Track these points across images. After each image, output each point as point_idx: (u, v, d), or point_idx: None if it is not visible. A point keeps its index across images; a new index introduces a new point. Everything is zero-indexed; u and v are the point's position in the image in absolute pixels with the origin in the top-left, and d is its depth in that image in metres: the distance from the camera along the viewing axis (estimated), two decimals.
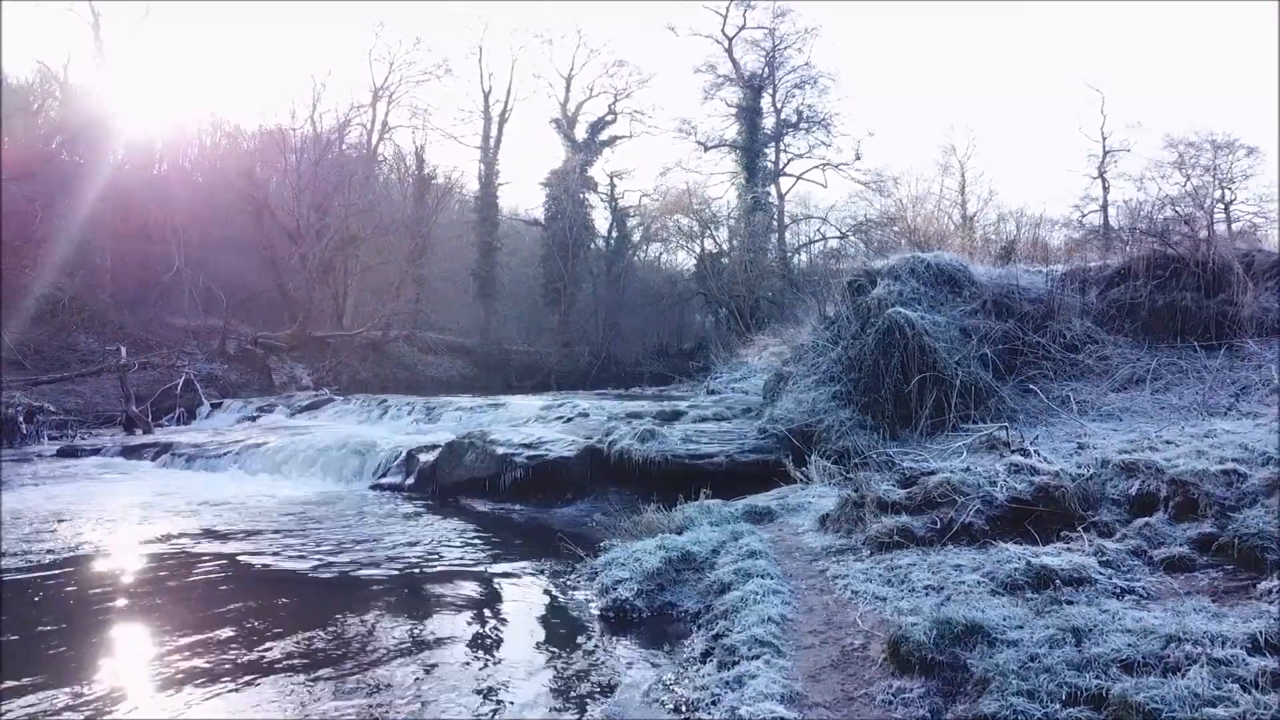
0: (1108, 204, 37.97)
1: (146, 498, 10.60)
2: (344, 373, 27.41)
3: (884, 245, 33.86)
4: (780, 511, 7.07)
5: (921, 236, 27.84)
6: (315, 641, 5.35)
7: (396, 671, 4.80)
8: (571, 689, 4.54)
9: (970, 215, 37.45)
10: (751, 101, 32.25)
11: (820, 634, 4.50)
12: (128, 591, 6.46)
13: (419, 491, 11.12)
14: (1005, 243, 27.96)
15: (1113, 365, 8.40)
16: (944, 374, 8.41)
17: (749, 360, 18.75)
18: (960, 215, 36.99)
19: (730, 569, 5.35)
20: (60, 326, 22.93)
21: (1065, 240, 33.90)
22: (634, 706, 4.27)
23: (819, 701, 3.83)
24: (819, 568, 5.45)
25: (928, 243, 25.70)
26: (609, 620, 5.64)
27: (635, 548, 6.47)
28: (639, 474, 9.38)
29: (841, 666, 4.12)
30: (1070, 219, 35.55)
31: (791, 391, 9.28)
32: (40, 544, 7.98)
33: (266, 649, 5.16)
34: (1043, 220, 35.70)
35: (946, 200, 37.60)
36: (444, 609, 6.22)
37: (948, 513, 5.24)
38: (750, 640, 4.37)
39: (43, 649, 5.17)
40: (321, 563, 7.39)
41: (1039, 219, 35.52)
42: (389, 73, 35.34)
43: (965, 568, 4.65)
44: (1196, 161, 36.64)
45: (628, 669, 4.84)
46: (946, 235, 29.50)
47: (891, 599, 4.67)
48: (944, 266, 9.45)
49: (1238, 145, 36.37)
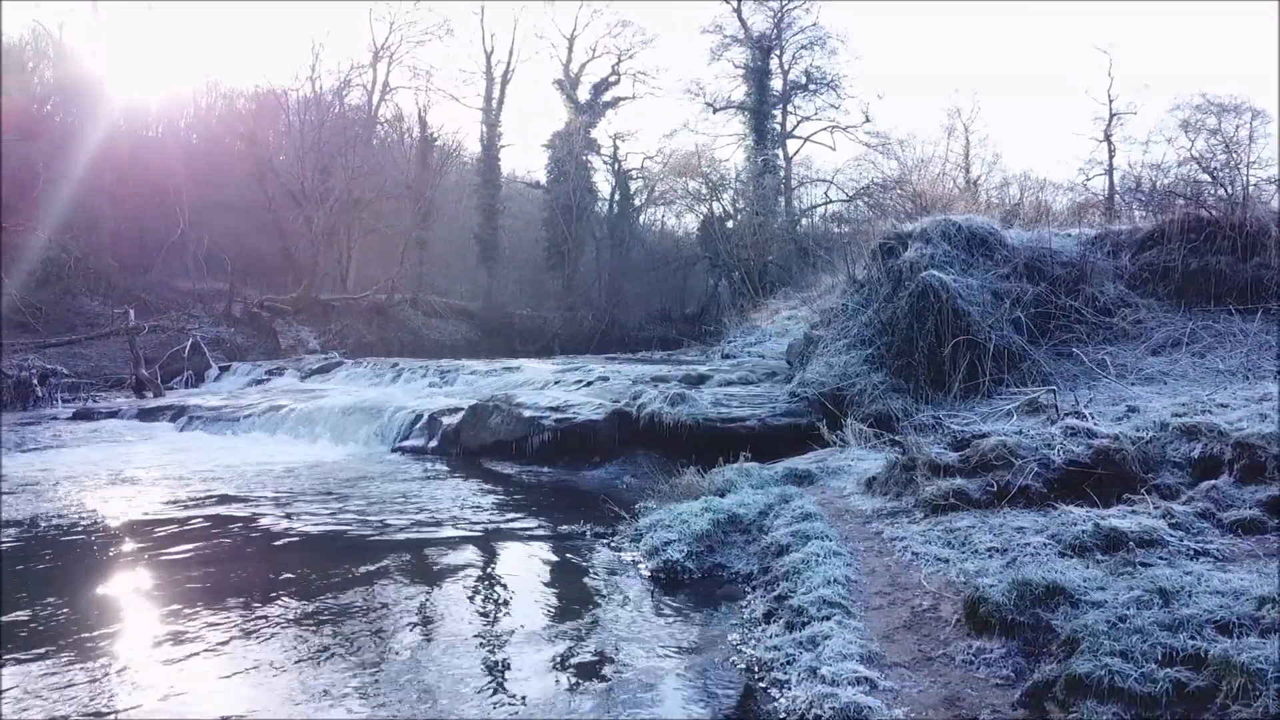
0: (1113, 168, 37.73)
1: (172, 460, 10.59)
2: (349, 336, 27.32)
3: (887, 209, 33.72)
4: (820, 474, 7.08)
5: (927, 200, 27.64)
6: (371, 603, 5.37)
7: (464, 629, 4.82)
8: (634, 649, 4.56)
9: (974, 179, 37.19)
10: (760, 62, 31.80)
11: (886, 595, 4.52)
12: (163, 553, 6.45)
13: (442, 454, 11.13)
14: (1009, 207, 27.83)
15: (1147, 329, 8.38)
16: (977, 337, 8.39)
17: (761, 325, 18.70)
18: (964, 179, 36.72)
19: (786, 531, 5.36)
20: (65, 289, 22.75)
21: (1069, 204, 33.77)
22: (705, 666, 4.30)
23: (897, 662, 3.85)
24: (873, 529, 5.47)
25: (933, 206, 25.56)
26: (659, 581, 5.67)
27: (679, 510, 6.48)
28: (668, 437, 9.37)
29: (914, 627, 4.14)
30: (1075, 183, 35.35)
31: (822, 355, 9.25)
32: (75, 506, 7.98)
33: (327, 607, 5.18)
34: (1045, 184, 35.56)
35: (950, 164, 37.34)
36: (495, 569, 6.26)
37: (1003, 475, 5.24)
38: (819, 601, 4.39)
39: (82, 611, 5.18)
40: (360, 523, 7.40)
41: (1042, 183, 35.34)
42: (389, 33, 34.74)
43: (1028, 530, 4.66)
44: (1203, 125, 36.33)
45: (688, 629, 4.87)
46: (952, 200, 29.31)
47: (954, 561, 4.68)
48: (975, 230, 9.38)
49: (1244, 108, 36.05)
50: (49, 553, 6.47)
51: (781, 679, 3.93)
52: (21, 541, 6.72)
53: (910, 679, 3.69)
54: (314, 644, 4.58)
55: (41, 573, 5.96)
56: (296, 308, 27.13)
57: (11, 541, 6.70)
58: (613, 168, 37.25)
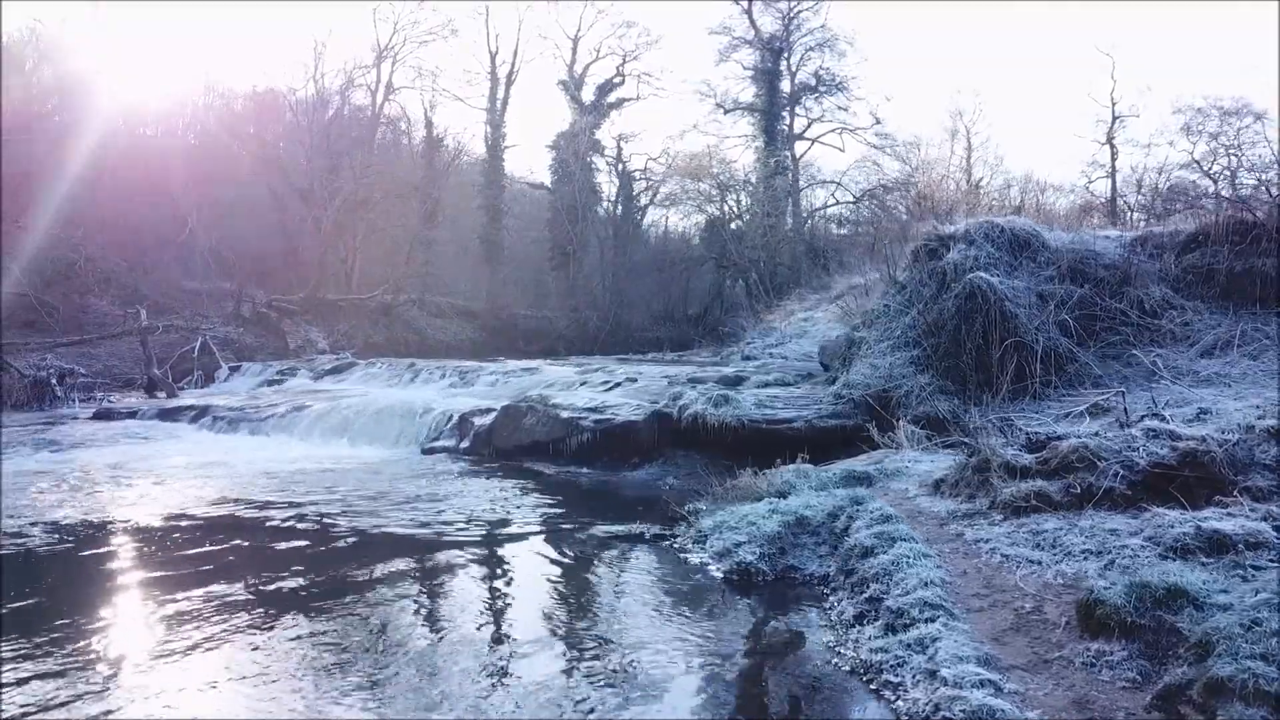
0: (1115, 170, 37.87)
1: (200, 461, 10.51)
2: (357, 336, 27.20)
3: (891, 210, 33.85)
4: (879, 477, 7.06)
5: (932, 203, 27.73)
6: (440, 602, 5.34)
7: (541, 631, 4.78)
8: (729, 649, 4.53)
9: (976, 181, 37.30)
10: (771, 64, 31.83)
11: (984, 597, 4.50)
12: (201, 552, 6.39)
13: (474, 455, 11.07)
14: (1010, 210, 27.96)
15: (1194, 331, 8.40)
16: (1025, 339, 8.39)
17: (778, 326, 18.69)
18: (966, 181, 36.83)
19: (869, 533, 5.33)
20: (73, 289, 22.57)
21: (1068, 206, 33.92)
22: (808, 668, 4.27)
23: (1013, 664, 3.83)
24: (953, 531, 5.45)
25: (936, 209, 25.66)
26: (733, 583, 5.65)
27: (743, 511, 6.45)
28: (709, 439, 9.35)
29: (1022, 629, 4.12)
30: (1076, 185, 35.53)
31: (866, 356, 9.24)
32: (123, 505, 7.90)
33: (399, 608, 5.14)
34: (1046, 187, 35.73)
35: (953, 166, 37.44)
36: (565, 569, 6.19)
37: (1085, 478, 5.23)
38: (919, 603, 4.36)
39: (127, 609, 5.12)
40: (413, 523, 7.35)
41: (1043, 185, 35.52)
42: (393, 32, 34.62)
43: (1122, 532, 4.65)
44: (1203, 128, 36.49)
45: (776, 631, 4.85)
46: (955, 203, 29.40)
47: (1047, 563, 4.66)
48: (1017, 231, 9.39)
49: (1245, 111, 36.23)
50: (108, 550, 6.40)
51: (893, 681, 3.91)
52: (77, 541, 6.64)
53: (1032, 682, 3.67)
54: (394, 646, 4.54)
55: (103, 571, 5.89)
56: (304, 308, 27.00)
57: (71, 540, 6.64)
58: (616, 168, 37.26)
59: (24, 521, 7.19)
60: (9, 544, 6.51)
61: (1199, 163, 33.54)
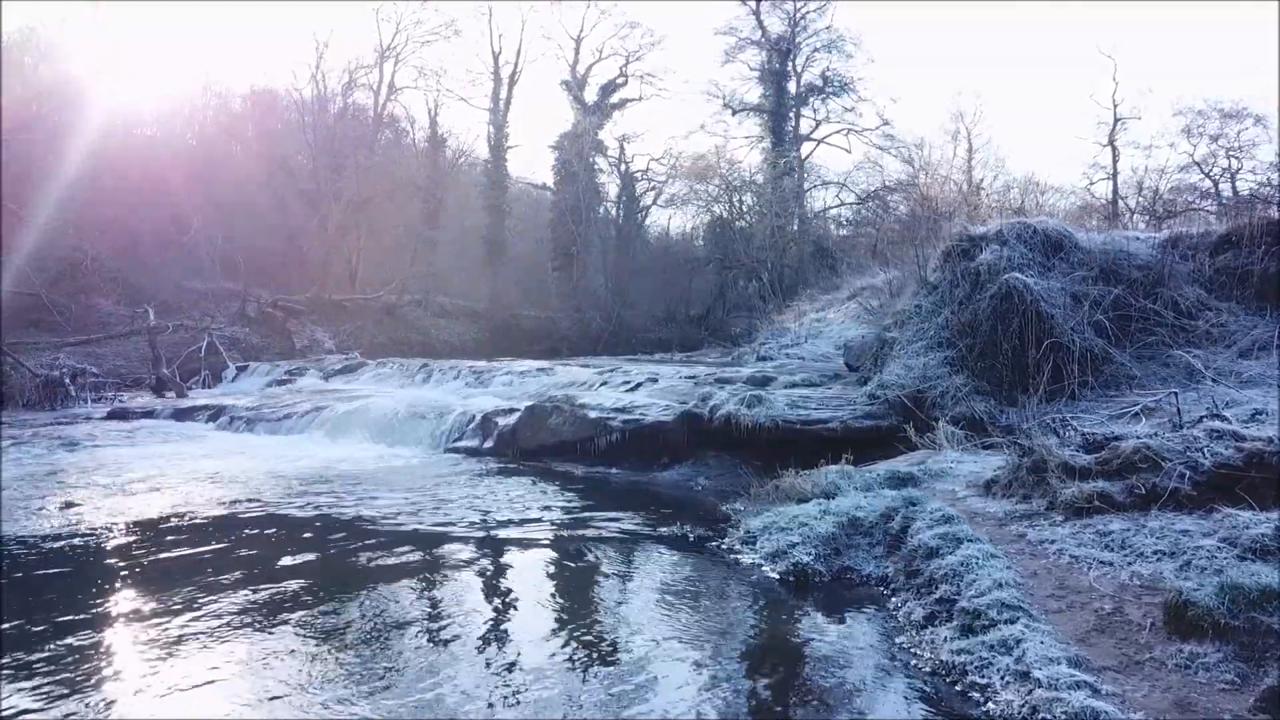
0: (1117, 172, 37.95)
1: (227, 461, 10.42)
2: (362, 336, 27.10)
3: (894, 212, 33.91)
4: (923, 477, 7.03)
5: (935, 205, 27.77)
6: (500, 603, 5.30)
7: (620, 634, 4.73)
8: (802, 651, 4.50)
9: (977, 183, 37.35)
10: (779, 65, 31.84)
11: (1060, 598, 4.48)
12: (253, 552, 6.33)
13: (498, 455, 11.00)
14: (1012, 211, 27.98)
15: (1229, 332, 8.40)
16: (1061, 340, 8.38)
17: (791, 327, 18.66)
18: (967, 183, 36.87)
19: (931, 534, 5.30)
20: (79, 288, 22.42)
21: (1068, 208, 33.97)
22: (887, 668, 4.24)
23: (1104, 666, 3.81)
24: (1013, 532, 5.42)
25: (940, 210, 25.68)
26: (790, 584, 5.61)
27: (793, 512, 6.42)
28: (740, 439, 9.30)
29: (1105, 631, 4.09)
30: (1076, 187, 35.62)
31: (899, 357, 9.21)
32: (159, 506, 7.82)
33: (453, 606, 5.10)
34: (1047, 188, 35.80)
35: (954, 168, 37.47)
36: (619, 570, 6.14)
37: (1148, 478, 5.21)
38: (996, 604, 4.33)
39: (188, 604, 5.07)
40: (451, 522, 7.30)
41: (1043, 186, 35.58)
42: (395, 32, 34.52)
43: (1194, 533, 4.63)
44: (1204, 130, 36.59)
45: (843, 631, 4.81)
46: (957, 204, 29.46)
47: (1119, 564, 4.65)
48: (1050, 232, 9.38)
49: (1246, 114, 36.34)
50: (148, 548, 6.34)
51: (980, 682, 3.89)
52: (125, 541, 6.58)
53: (1126, 683, 3.65)
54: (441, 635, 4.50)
55: (146, 568, 5.83)
56: (309, 308, 26.88)
57: (120, 537, 6.57)
58: (619, 169, 37.22)
59: (62, 523, 7.12)
60: (50, 546, 6.44)
61: (1199, 164, 33.70)
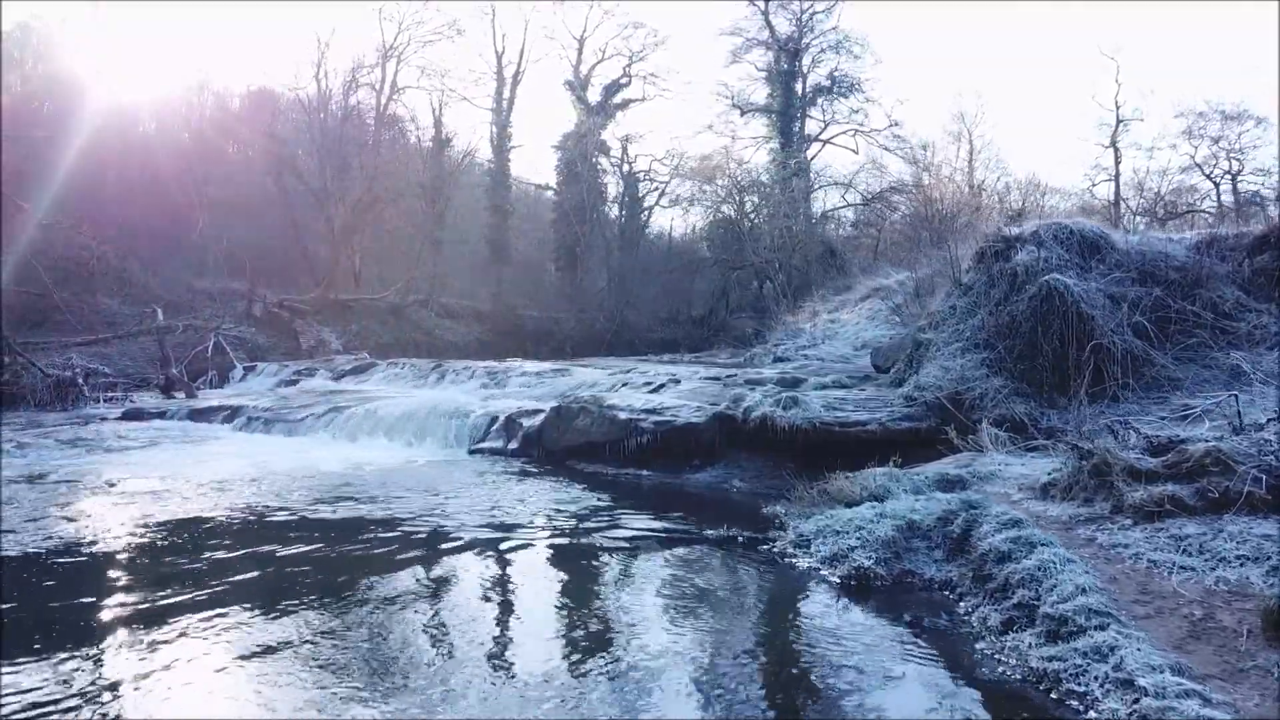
0: (1119, 174, 37.99)
1: (248, 462, 10.29)
2: (368, 336, 26.95)
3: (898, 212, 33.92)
4: (972, 480, 6.95)
5: (939, 206, 27.75)
6: (556, 610, 5.21)
7: (696, 637, 4.63)
8: (879, 658, 4.41)
9: (978, 184, 37.35)
10: (787, 65, 31.80)
11: (1145, 604, 4.40)
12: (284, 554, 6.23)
13: (524, 456, 10.91)
14: (1012, 212, 27.97)
15: (1270, 334, 8.35)
16: (1103, 341, 8.32)
17: (804, 328, 18.59)
18: (968, 185, 36.87)
19: (1000, 538, 5.22)
20: (85, 288, 22.22)
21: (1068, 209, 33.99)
22: (977, 676, 4.16)
23: (1207, 674, 3.72)
24: (1082, 536, 5.35)
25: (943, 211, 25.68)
26: (850, 588, 5.53)
27: (847, 515, 6.34)
28: (774, 441, 9.21)
29: (1201, 637, 4.02)
30: (1078, 188, 35.68)
31: (935, 359, 9.14)
32: (193, 509, 7.70)
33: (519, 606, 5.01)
34: (1048, 189, 35.83)
35: (955, 169, 37.46)
36: (672, 574, 6.00)
37: (1220, 481, 5.14)
38: (1082, 610, 4.25)
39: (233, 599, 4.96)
40: (481, 524, 7.20)
41: (1044, 188, 35.60)
42: (398, 32, 34.34)
43: (1276, 537, 4.56)
44: (1205, 131, 36.63)
45: (916, 638, 4.72)
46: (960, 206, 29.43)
47: (1201, 569, 4.58)
48: (1086, 233, 9.32)
49: (1246, 116, 36.39)
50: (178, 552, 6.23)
51: (1078, 690, 3.81)
52: (174, 541, 6.46)
53: (1235, 692, 3.57)
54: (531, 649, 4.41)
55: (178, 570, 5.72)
56: (315, 308, 26.72)
57: (171, 535, 6.45)
58: (621, 169, 37.12)
59: (97, 527, 7.00)
60: (86, 550, 6.33)
61: (1200, 166, 33.78)
